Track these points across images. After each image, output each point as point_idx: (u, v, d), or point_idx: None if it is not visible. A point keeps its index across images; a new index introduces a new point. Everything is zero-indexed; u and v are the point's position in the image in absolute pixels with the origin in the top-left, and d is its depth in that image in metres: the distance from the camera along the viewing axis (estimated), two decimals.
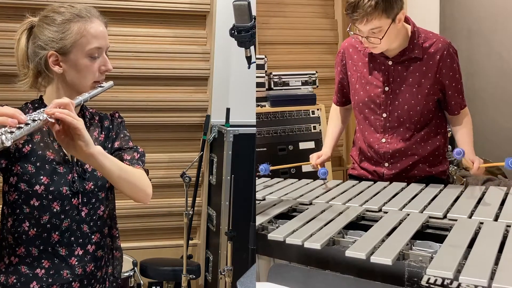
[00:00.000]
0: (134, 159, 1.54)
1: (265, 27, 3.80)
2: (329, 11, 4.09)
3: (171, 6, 3.24)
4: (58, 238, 1.47)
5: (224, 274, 2.73)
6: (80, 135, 1.27)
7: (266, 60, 3.49)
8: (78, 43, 1.43)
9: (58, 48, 1.43)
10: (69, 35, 1.43)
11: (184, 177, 2.78)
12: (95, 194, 1.52)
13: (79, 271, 1.50)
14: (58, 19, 1.44)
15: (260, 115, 3.40)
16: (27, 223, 1.45)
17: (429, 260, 1.26)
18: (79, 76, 1.46)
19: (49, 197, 1.45)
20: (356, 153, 2.24)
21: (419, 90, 2.03)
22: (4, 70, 2.87)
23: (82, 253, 1.51)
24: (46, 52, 1.44)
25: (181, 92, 3.33)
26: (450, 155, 2.91)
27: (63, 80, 1.47)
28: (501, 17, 3.74)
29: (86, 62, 1.45)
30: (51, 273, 1.48)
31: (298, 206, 1.80)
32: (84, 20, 1.44)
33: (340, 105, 2.33)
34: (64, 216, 1.47)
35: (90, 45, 1.44)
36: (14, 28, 1.53)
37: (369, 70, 2.09)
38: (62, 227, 1.47)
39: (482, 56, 3.82)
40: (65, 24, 1.44)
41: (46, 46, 1.44)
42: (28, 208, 1.45)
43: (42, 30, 1.45)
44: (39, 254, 1.47)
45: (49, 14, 1.47)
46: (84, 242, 1.52)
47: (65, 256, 1.49)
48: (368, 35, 1.88)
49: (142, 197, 1.51)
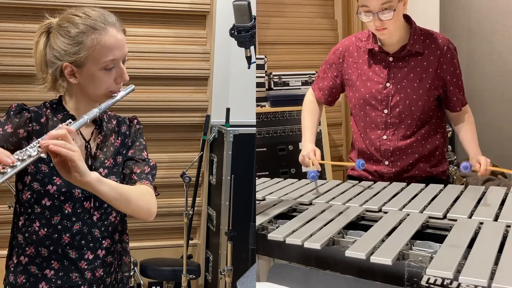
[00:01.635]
0: (143, 173, 1.53)
1: (265, 27, 3.80)
2: (329, 11, 4.09)
3: (171, 6, 3.24)
4: (68, 240, 1.47)
5: (224, 274, 2.73)
6: (75, 166, 1.25)
7: (266, 60, 3.49)
8: (92, 56, 1.41)
9: (72, 61, 1.42)
10: (82, 48, 1.41)
11: (184, 177, 2.78)
12: None
13: (88, 275, 1.50)
14: (72, 31, 1.42)
15: (260, 115, 3.40)
16: (37, 223, 1.46)
17: (429, 260, 1.26)
18: (94, 87, 1.45)
19: (61, 198, 1.45)
20: (355, 155, 2.23)
21: (420, 85, 2.03)
22: (5, 70, 2.89)
23: (92, 258, 1.51)
24: (61, 63, 1.43)
25: (181, 92, 3.33)
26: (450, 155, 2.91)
27: (78, 89, 1.47)
28: (501, 17, 3.74)
29: (101, 75, 1.43)
30: (60, 275, 1.47)
31: (298, 206, 1.80)
32: (98, 33, 1.41)
33: (324, 103, 2.28)
34: (75, 219, 1.47)
35: (105, 58, 1.42)
36: (14, 28, 1.54)
37: (370, 67, 2.09)
38: (73, 229, 1.47)
39: (482, 56, 3.82)
40: (79, 37, 1.41)
41: (61, 57, 1.43)
42: (39, 208, 1.45)
43: (56, 41, 1.44)
44: (48, 255, 1.47)
45: (64, 24, 1.44)
46: (95, 247, 1.51)
47: (75, 259, 1.48)
48: (379, 10, 1.88)
49: (144, 215, 1.49)
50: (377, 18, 1.90)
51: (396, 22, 1.93)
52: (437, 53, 2.02)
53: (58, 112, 1.49)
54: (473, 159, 2.04)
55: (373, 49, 2.07)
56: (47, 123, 1.47)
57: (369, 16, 1.91)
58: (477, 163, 1.97)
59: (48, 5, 2.94)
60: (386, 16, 1.89)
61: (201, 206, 3.40)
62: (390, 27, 1.93)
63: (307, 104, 2.31)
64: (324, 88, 2.26)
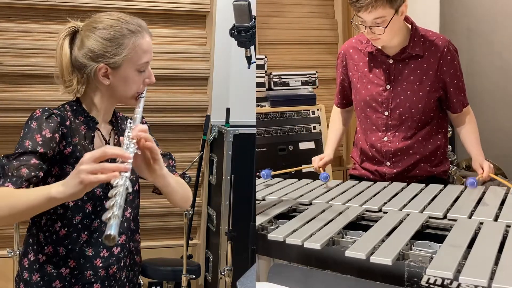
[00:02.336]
0: (169, 166, 1.58)
1: (265, 27, 3.80)
2: (329, 11, 4.09)
3: (171, 6, 3.24)
4: (86, 238, 1.48)
5: (224, 274, 2.73)
6: (158, 159, 1.35)
7: (266, 60, 3.49)
8: (130, 58, 1.44)
9: (110, 63, 1.43)
10: (123, 50, 1.43)
11: (184, 177, 2.77)
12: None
13: (102, 272, 1.51)
14: (111, 32, 1.44)
15: (260, 115, 3.40)
16: (59, 223, 1.46)
17: (429, 260, 1.26)
18: (126, 88, 1.49)
19: (83, 198, 1.44)
20: (357, 153, 2.25)
21: (420, 87, 2.03)
22: (4, 70, 2.89)
23: (108, 255, 1.51)
24: (96, 64, 1.44)
25: (181, 92, 3.33)
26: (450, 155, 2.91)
27: (107, 89, 1.49)
28: (501, 17, 3.74)
29: (135, 76, 1.47)
30: (75, 273, 1.48)
31: (298, 206, 1.80)
32: (136, 36, 1.45)
33: (341, 107, 2.34)
34: (94, 217, 1.48)
35: (141, 60, 1.46)
36: (14, 28, 1.53)
37: (370, 69, 2.10)
38: (92, 227, 1.48)
39: (482, 56, 3.82)
40: (119, 39, 1.43)
41: (97, 58, 1.44)
42: (62, 209, 1.45)
43: (92, 42, 1.44)
44: (66, 253, 1.47)
45: (99, 26, 1.45)
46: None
47: (91, 256, 1.49)
48: (372, 24, 1.88)
49: (186, 203, 1.61)
50: (369, 30, 1.91)
51: (389, 34, 1.92)
52: (437, 55, 2.02)
53: (79, 114, 1.50)
54: (475, 162, 2.06)
55: (373, 51, 2.07)
56: (71, 126, 1.47)
57: (362, 27, 1.91)
58: (480, 168, 2.00)
59: (48, 5, 2.94)
60: (379, 30, 1.89)
61: (201, 206, 3.40)
62: (383, 38, 1.93)
63: (332, 114, 2.40)
64: (338, 93, 2.32)
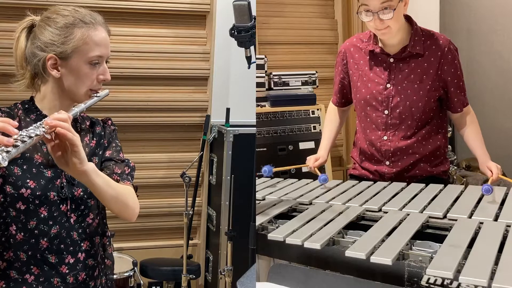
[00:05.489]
0: (124, 173, 1.49)
1: (265, 27, 3.80)
2: (329, 11, 4.09)
3: (171, 6, 3.24)
4: (47, 244, 1.42)
5: (224, 274, 2.73)
6: (77, 152, 1.22)
7: (266, 60, 3.49)
8: (80, 49, 1.40)
9: (58, 52, 1.40)
10: (71, 40, 1.40)
11: (184, 177, 2.78)
12: (84, 201, 1.47)
13: (71, 279, 1.45)
14: (61, 22, 1.41)
15: (260, 115, 3.40)
16: (14, 226, 1.40)
17: (429, 260, 1.26)
18: (77, 82, 1.43)
19: (35, 202, 1.40)
20: (356, 153, 2.24)
21: (420, 86, 2.03)
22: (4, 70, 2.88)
23: (73, 261, 1.46)
24: (45, 54, 1.41)
25: (181, 92, 3.33)
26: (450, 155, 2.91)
27: (59, 84, 1.44)
28: (501, 17, 3.74)
29: (86, 69, 1.42)
30: (40, 280, 1.43)
31: (298, 206, 1.80)
32: (88, 27, 1.42)
33: (339, 106, 2.33)
34: (52, 222, 1.42)
35: (92, 53, 1.42)
36: (14, 28, 1.53)
37: (371, 68, 2.09)
38: (51, 233, 1.42)
39: (482, 56, 3.82)
40: (69, 28, 1.41)
41: (46, 48, 1.41)
42: (14, 211, 1.40)
43: (43, 31, 1.42)
44: (27, 259, 1.42)
45: (52, 16, 1.43)
46: (75, 250, 1.46)
47: (55, 263, 1.44)
48: (380, 9, 1.88)
49: (129, 215, 1.46)
50: (377, 17, 1.90)
51: (397, 22, 1.93)
52: (437, 54, 2.02)
53: (30, 112, 1.46)
54: (482, 165, 2.07)
55: (374, 50, 2.07)
56: (20, 124, 1.41)
57: (369, 15, 1.91)
58: (488, 170, 2.02)
59: (48, 5, 2.94)
60: (387, 16, 1.89)
61: (201, 206, 3.40)
62: (391, 26, 1.93)
63: (328, 113, 2.39)
64: (336, 92, 2.31)
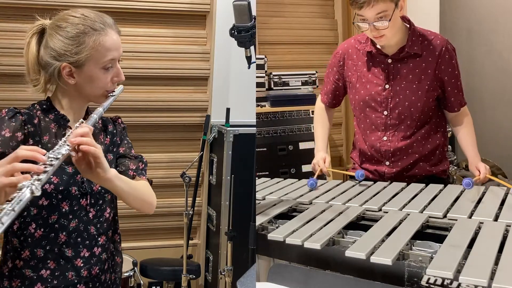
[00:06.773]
0: (139, 169, 1.57)
1: (265, 27, 3.80)
2: (329, 11, 4.09)
3: (171, 6, 3.24)
4: (65, 238, 1.47)
5: (224, 274, 2.73)
6: (100, 163, 1.29)
7: (266, 60, 3.49)
8: (92, 57, 1.42)
9: (72, 61, 1.42)
10: (83, 49, 1.41)
11: (184, 177, 2.78)
12: (102, 196, 1.53)
13: (85, 273, 1.50)
14: (71, 31, 1.42)
15: (260, 115, 3.40)
16: (33, 225, 1.44)
17: (429, 260, 1.26)
18: (92, 86, 1.46)
19: (58, 197, 1.44)
20: (356, 154, 2.25)
21: (419, 86, 2.04)
22: (4, 70, 2.89)
23: (89, 255, 1.51)
24: (59, 63, 1.43)
25: (181, 92, 3.33)
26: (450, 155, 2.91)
27: (75, 88, 1.47)
28: (501, 17, 3.74)
29: (100, 74, 1.45)
30: (56, 275, 1.47)
31: (298, 206, 1.80)
32: (98, 33, 1.43)
33: (330, 107, 2.33)
34: (72, 217, 1.47)
35: (105, 58, 1.44)
36: (14, 28, 1.53)
37: (369, 69, 2.10)
38: (70, 227, 1.47)
39: (482, 56, 3.82)
40: (80, 37, 1.42)
41: (59, 57, 1.42)
42: (36, 209, 1.44)
43: (54, 40, 1.43)
44: (44, 255, 1.46)
45: (62, 25, 1.44)
46: (91, 244, 1.51)
47: (71, 257, 1.48)
48: (375, 20, 1.89)
49: (148, 209, 1.56)
50: (373, 27, 1.91)
51: (392, 29, 1.93)
52: (435, 54, 2.03)
53: (48, 112, 1.49)
54: (472, 165, 2.08)
55: (372, 51, 2.08)
56: (40, 124, 1.46)
57: (366, 25, 1.92)
58: (477, 170, 2.02)
59: (48, 5, 2.94)
60: (382, 25, 1.90)
61: (201, 206, 3.40)
62: (387, 34, 1.93)
63: (317, 112, 2.37)
64: (328, 92, 2.30)
